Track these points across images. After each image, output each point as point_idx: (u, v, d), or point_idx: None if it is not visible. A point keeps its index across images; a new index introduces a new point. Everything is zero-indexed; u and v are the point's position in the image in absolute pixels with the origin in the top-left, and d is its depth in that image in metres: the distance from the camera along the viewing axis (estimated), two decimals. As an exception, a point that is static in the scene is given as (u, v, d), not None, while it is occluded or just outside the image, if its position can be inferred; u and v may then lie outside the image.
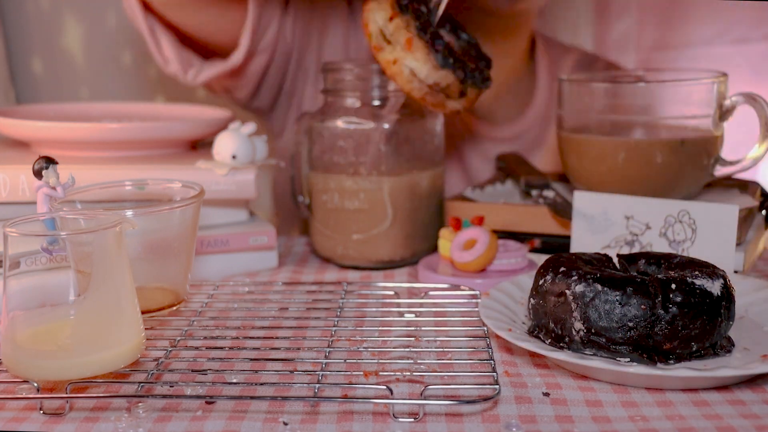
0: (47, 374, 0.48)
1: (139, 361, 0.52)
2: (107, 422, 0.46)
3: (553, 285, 0.54)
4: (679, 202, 0.67)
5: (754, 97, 0.71)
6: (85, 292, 0.49)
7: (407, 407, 0.48)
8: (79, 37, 1.20)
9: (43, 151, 0.70)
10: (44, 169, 0.55)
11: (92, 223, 0.53)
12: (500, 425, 0.46)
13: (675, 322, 0.50)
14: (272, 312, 0.63)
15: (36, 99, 1.20)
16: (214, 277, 0.74)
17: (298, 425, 0.46)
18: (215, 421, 0.46)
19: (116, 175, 0.69)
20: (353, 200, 0.76)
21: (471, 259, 0.69)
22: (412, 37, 0.67)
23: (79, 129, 0.73)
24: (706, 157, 0.73)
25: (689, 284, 0.51)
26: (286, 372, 0.51)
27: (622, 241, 0.69)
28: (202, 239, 0.73)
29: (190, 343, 0.56)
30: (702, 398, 0.49)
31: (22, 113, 0.83)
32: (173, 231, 0.59)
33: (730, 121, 0.73)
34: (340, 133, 0.75)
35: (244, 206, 0.77)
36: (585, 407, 0.48)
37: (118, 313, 0.50)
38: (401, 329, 0.59)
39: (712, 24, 1.36)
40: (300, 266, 0.79)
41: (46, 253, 0.53)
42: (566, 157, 0.77)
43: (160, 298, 0.60)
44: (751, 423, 0.46)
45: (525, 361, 0.55)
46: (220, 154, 0.72)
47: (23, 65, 1.20)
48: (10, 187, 0.67)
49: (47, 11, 1.19)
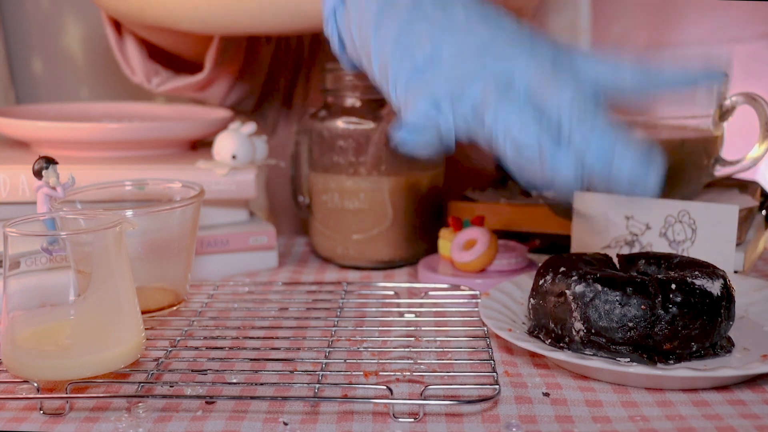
0: (47, 374, 0.48)
1: (139, 361, 0.52)
2: (107, 422, 0.46)
3: (553, 285, 0.54)
4: (679, 202, 0.67)
5: (754, 97, 0.71)
6: (85, 292, 0.49)
7: (407, 407, 0.48)
8: (79, 37, 1.20)
9: (43, 151, 0.70)
10: (44, 169, 0.55)
11: (92, 223, 0.53)
12: (500, 425, 0.46)
13: (675, 323, 0.50)
14: (272, 312, 0.63)
15: (36, 99, 1.20)
16: (214, 277, 0.74)
17: (298, 425, 0.46)
18: (215, 421, 0.46)
19: (116, 175, 0.69)
20: (353, 200, 0.76)
21: (471, 259, 0.69)
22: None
23: (79, 129, 0.73)
24: (706, 157, 0.73)
25: (689, 284, 0.51)
26: (286, 372, 0.51)
27: (622, 241, 0.69)
28: (202, 239, 0.73)
29: (190, 343, 0.56)
30: (702, 398, 0.49)
31: (22, 113, 0.83)
32: (173, 231, 0.59)
33: (730, 121, 0.73)
34: (340, 133, 0.75)
35: (244, 206, 0.77)
36: (585, 407, 0.48)
37: (118, 313, 0.50)
38: (401, 329, 0.59)
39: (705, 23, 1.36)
40: (300, 266, 0.79)
41: (46, 253, 0.53)
42: (566, 157, 0.77)
43: (160, 298, 0.60)
44: (751, 423, 0.46)
45: (525, 361, 0.55)
46: (220, 154, 0.72)
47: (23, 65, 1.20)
48: (10, 187, 0.67)
49: (47, 11, 1.19)
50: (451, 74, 0.48)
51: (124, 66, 0.86)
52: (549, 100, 0.45)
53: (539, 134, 0.45)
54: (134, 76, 0.86)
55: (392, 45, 0.50)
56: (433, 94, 0.48)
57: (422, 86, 0.48)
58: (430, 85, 0.48)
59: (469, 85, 0.47)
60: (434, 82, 0.48)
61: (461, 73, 0.48)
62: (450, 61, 0.48)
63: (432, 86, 0.48)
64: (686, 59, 0.47)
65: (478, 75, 0.47)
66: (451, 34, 0.49)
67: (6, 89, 1.15)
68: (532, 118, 0.45)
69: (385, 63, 0.51)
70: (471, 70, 0.47)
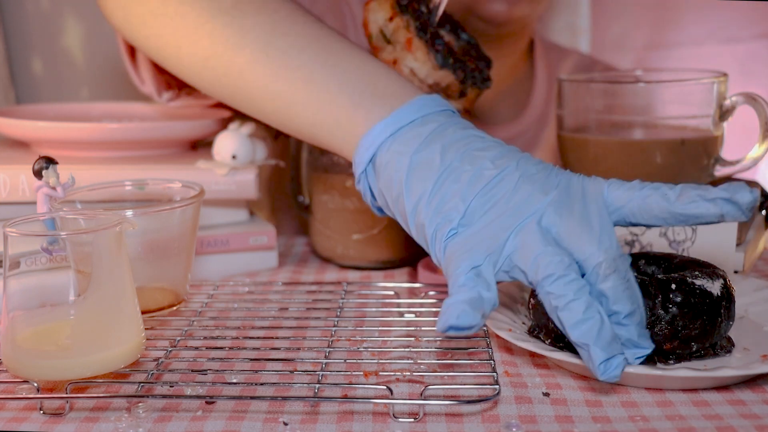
0: (47, 374, 0.48)
1: (139, 361, 0.52)
2: (107, 422, 0.46)
3: None
4: (679, 202, 0.67)
5: (754, 97, 0.71)
6: (85, 292, 0.49)
7: (407, 407, 0.48)
8: (79, 37, 1.20)
9: (43, 151, 0.70)
10: (44, 169, 0.55)
11: (92, 223, 0.53)
12: (500, 425, 0.46)
13: (675, 322, 0.50)
14: (272, 312, 0.63)
15: (36, 99, 1.20)
16: (214, 277, 0.74)
17: (298, 425, 0.46)
18: (215, 421, 0.46)
19: (116, 175, 0.69)
20: (353, 200, 0.76)
21: (471, 259, 0.69)
22: (412, 37, 0.67)
23: (79, 129, 0.73)
24: (706, 157, 0.73)
25: (689, 284, 0.51)
26: (286, 372, 0.51)
27: (622, 241, 0.69)
28: (202, 239, 0.73)
29: (190, 343, 0.56)
30: (702, 398, 0.49)
31: (22, 113, 0.83)
32: (173, 231, 0.59)
33: (730, 121, 0.74)
34: (340, 133, 0.75)
35: (244, 206, 0.77)
36: (585, 407, 0.48)
37: (118, 313, 0.50)
38: (401, 329, 0.59)
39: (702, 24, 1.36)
40: (300, 266, 0.79)
41: (46, 253, 0.53)
42: (566, 157, 0.77)
43: (160, 298, 0.60)
44: (751, 423, 0.46)
45: (525, 361, 0.55)
46: (220, 154, 0.72)
47: (23, 65, 1.20)
48: (10, 187, 0.67)
49: (47, 11, 1.19)
50: (486, 232, 0.49)
51: (134, 75, 0.86)
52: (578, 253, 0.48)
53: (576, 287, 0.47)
54: (143, 86, 0.86)
55: (425, 206, 0.51)
56: (472, 253, 0.49)
57: (461, 246, 0.49)
58: (469, 244, 0.49)
59: (504, 239, 0.49)
60: (471, 241, 0.49)
61: (495, 229, 0.49)
62: (483, 219, 0.50)
63: (470, 245, 0.49)
64: (714, 192, 0.48)
65: (510, 228, 0.49)
66: (480, 189, 0.50)
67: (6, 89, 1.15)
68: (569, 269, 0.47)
69: (421, 223, 0.52)
70: (504, 225, 0.49)
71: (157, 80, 0.81)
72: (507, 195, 0.50)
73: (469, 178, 0.51)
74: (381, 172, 0.54)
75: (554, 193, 0.50)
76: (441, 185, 0.51)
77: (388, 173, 0.53)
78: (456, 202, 0.50)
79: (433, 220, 0.51)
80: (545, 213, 0.49)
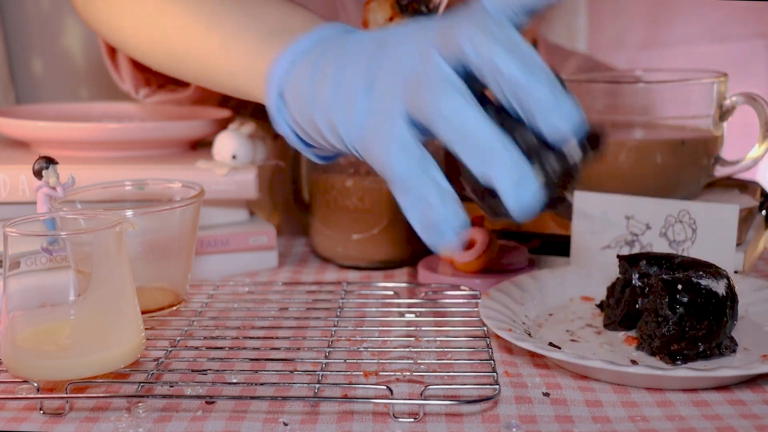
0: (47, 374, 0.48)
1: (139, 361, 0.52)
2: (107, 422, 0.46)
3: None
4: (680, 202, 0.67)
5: (754, 97, 0.71)
6: (85, 292, 0.49)
7: (407, 407, 0.48)
8: (79, 37, 1.20)
9: (43, 151, 0.70)
10: (44, 169, 0.55)
11: (92, 223, 0.53)
12: (500, 425, 0.46)
13: (683, 323, 0.50)
14: (272, 312, 0.63)
15: (36, 99, 1.20)
16: (214, 277, 0.74)
17: (298, 425, 0.46)
18: (215, 421, 0.46)
19: (116, 175, 0.69)
20: (353, 200, 0.76)
21: (471, 259, 0.69)
22: (412, 37, 0.67)
23: (79, 129, 0.73)
24: (706, 157, 0.73)
25: (695, 284, 0.51)
26: (286, 372, 0.51)
27: (622, 241, 0.69)
28: (202, 239, 0.73)
29: (190, 343, 0.56)
30: (702, 398, 0.49)
31: (22, 113, 0.83)
32: (173, 231, 0.59)
33: (730, 121, 0.74)
34: (340, 133, 0.75)
35: (244, 206, 0.77)
36: (585, 407, 0.48)
37: (118, 313, 0.50)
38: (401, 329, 0.59)
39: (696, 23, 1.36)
40: (300, 266, 0.79)
41: (46, 253, 0.53)
42: (566, 157, 0.77)
43: (160, 298, 0.60)
44: (751, 423, 0.46)
45: (525, 361, 0.55)
46: (220, 154, 0.72)
47: (23, 65, 1.20)
48: (10, 187, 0.67)
49: (47, 11, 1.19)
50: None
51: (113, 73, 0.86)
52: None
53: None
54: (123, 84, 0.86)
55: (329, 103, 0.48)
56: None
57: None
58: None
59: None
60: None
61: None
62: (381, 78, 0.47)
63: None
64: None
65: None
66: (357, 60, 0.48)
67: (6, 89, 1.15)
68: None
69: (332, 122, 0.49)
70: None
71: (135, 78, 0.81)
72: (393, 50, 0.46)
73: (366, 62, 0.47)
74: (291, 104, 0.52)
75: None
76: (342, 80, 0.48)
77: (296, 102, 0.51)
78: (358, 82, 0.47)
79: (340, 110, 0.48)
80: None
